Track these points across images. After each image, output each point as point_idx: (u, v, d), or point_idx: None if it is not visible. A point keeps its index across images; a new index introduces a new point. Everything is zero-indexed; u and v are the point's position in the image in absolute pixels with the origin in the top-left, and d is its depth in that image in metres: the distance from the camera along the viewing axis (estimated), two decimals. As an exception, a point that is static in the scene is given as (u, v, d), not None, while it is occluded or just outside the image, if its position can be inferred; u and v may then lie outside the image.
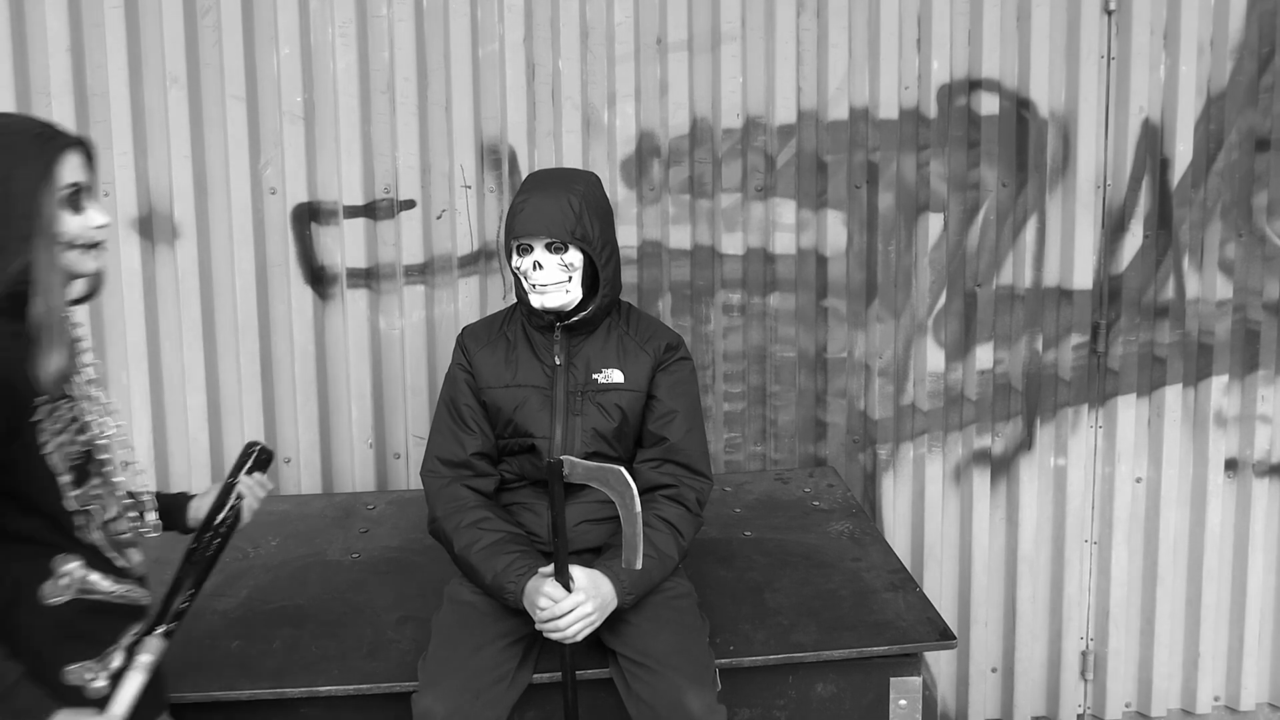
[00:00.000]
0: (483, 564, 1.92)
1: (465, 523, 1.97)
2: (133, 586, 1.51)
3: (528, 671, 1.94)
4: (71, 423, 1.41)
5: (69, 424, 1.41)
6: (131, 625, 1.52)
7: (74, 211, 1.39)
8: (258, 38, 2.64)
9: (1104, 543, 3.00)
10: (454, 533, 1.97)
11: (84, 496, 1.43)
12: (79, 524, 1.43)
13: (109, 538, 1.47)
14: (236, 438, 2.72)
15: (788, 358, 2.88)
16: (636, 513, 1.74)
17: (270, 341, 2.73)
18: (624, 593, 1.87)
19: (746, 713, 2.03)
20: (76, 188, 1.39)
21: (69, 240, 1.38)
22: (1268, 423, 2.98)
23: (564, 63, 2.72)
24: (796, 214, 2.83)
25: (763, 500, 2.68)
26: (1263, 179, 2.89)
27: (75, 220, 1.39)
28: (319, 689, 1.92)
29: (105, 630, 1.48)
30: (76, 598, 1.43)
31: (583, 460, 1.83)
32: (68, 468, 1.40)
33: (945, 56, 2.80)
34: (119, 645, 1.48)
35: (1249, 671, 3.05)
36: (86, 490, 1.44)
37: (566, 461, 1.81)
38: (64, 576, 1.41)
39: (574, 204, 1.94)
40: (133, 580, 1.52)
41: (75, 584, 1.42)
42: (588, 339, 2.06)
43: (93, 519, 1.45)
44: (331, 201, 2.71)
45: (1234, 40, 2.82)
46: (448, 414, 2.09)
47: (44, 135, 1.38)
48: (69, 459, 1.41)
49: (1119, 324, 2.92)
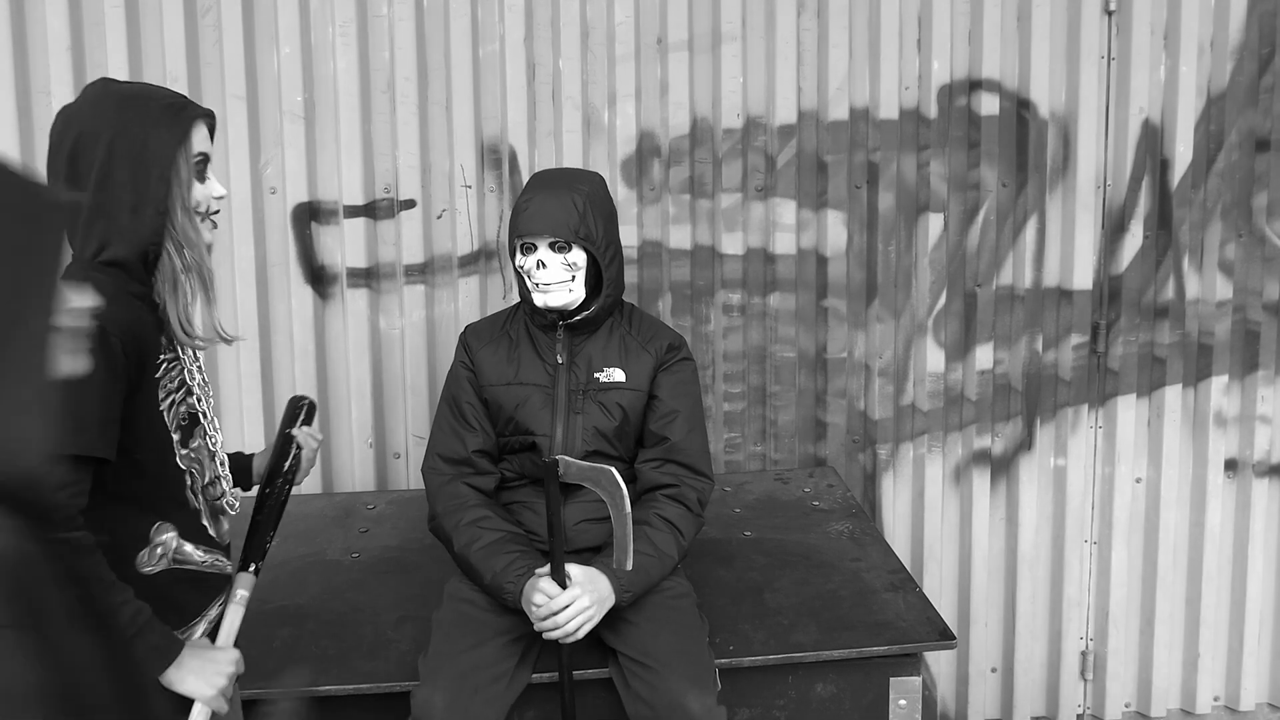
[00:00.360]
0: (482, 563, 1.92)
1: (465, 521, 1.97)
2: (220, 556, 1.57)
3: (527, 670, 1.94)
4: (181, 384, 1.49)
5: (180, 384, 1.49)
6: (218, 597, 1.58)
7: (200, 180, 1.47)
8: (258, 37, 2.64)
9: (1104, 543, 3.00)
10: (454, 531, 1.97)
11: (188, 457, 1.50)
12: (187, 483, 1.50)
13: (208, 502, 1.54)
14: (237, 438, 2.71)
15: (788, 358, 2.88)
16: (626, 513, 1.75)
17: (270, 341, 2.73)
18: (621, 590, 1.87)
19: (746, 713, 2.03)
20: (204, 157, 1.47)
21: (194, 206, 1.46)
22: (1267, 423, 2.98)
23: (564, 62, 2.72)
24: (797, 214, 2.83)
25: (763, 500, 2.68)
26: (1263, 180, 2.90)
27: (200, 189, 1.47)
28: (319, 688, 1.92)
29: (194, 600, 1.54)
30: (171, 568, 1.48)
31: (577, 460, 1.83)
32: (176, 426, 1.48)
33: (946, 57, 2.80)
34: (203, 616, 1.54)
35: (1249, 671, 3.05)
36: (190, 451, 1.50)
37: (561, 461, 1.82)
38: (159, 546, 1.47)
39: (578, 203, 1.94)
40: (220, 550, 1.57)
41: (170, 554, 1.48)
42: (590, 338, 2.06)
43: (195, 480, 1.52)
44: (332, 201, 2.71)
45: (1234, 41, 2.82)
46: (449, 411, 2.09)
47: (177, 104, 1.45)
48: (178, 418, 1.48)
49: (1119, 324, 2.92)
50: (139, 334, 1.40)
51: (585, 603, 1.82)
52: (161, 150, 1.41)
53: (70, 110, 1.44)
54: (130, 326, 1.39)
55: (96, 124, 1.41)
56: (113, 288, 1.38)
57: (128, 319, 1.39)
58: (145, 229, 1.41)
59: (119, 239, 1.41)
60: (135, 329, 1.39)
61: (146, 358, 1.42)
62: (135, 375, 1.40)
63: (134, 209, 1.40)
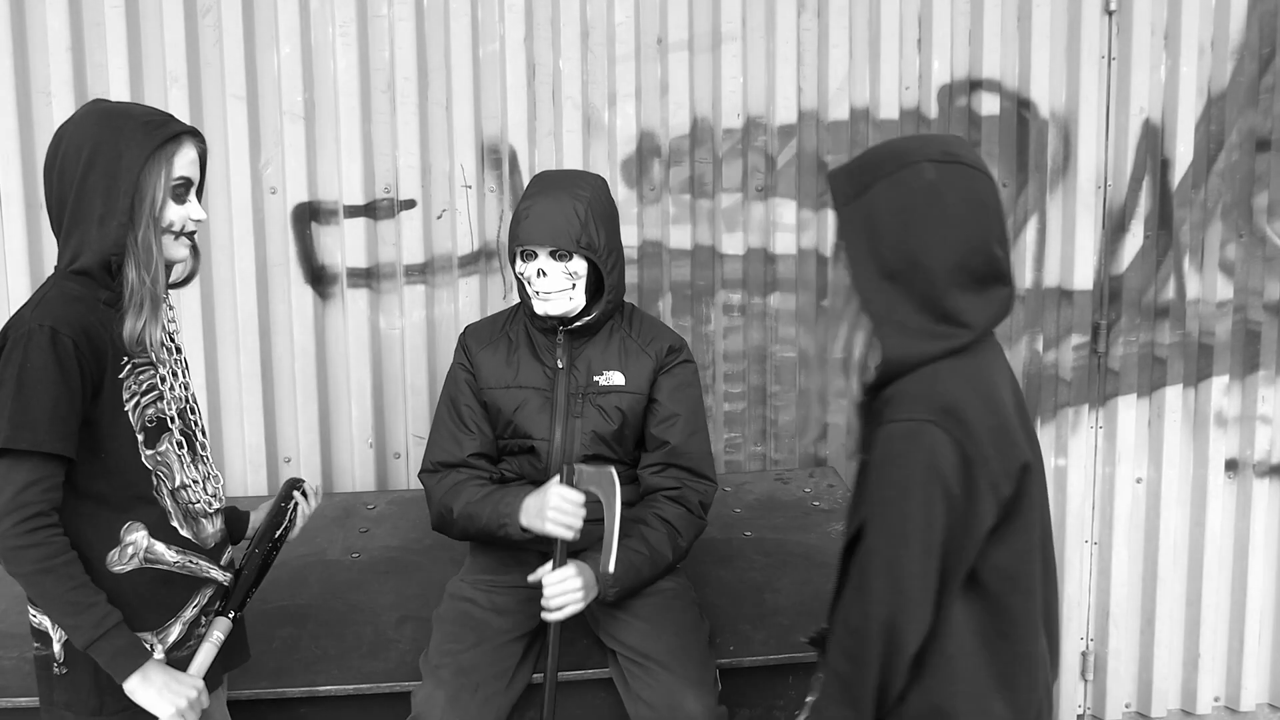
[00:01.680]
0: (480, 508, 1.93)
1: (463, 485, 1.98)
2: (196, 557, 1.59)
3: (528, 670, 1.94)
4: (150, 389, 1.53)
5: (148, 389, 1.53)
6: (194, 597, 1.60)
7: (177, 202, 1.52)
8: (258, 37, 2.64)
9: (1104, 543, 3.00)
10: (454, 500, 1.97)
11: (153, 458, 1.53)
12: (153, 483, 1.53)
13: (178, 505, 1.56)
14: (237, 438, 2.72)
15: (788, 358, 2.88)
16: (615, 515, 1.75)
17: (270, 341, 2.73)
18: (607, 585, 1.86)
19: (746, 713, 2.03)
20: (185, 181, 1.53)
21: (166, 225, 1.51)
22: (1268, 423, 2.98)
23: (565, 62, 2.72)
24: (797, 214, 2.83)
25: (763, 500, 2.68)
26: (1263, 180, 2.89)
27: (177, 210, 1.52)
28: (319, 688, 1.92)
29: (167, 599, 1.56)
30: (142, 567, 1.52)
31: (587, 467, 1.83)
32: (141, 427, 1.52)
33: (946, 57, 2.79)
34: (178, 618, 1.57)
35: (1249, 672, 3.05)
36: (156, 453, 1.54)
37: (576, 470, 1.82)
38: (130, 545, 1.51)
39: (580, 211, 1.91)
40: (198, 552, 1.59)
41: (140, 553, 1.52)
42: (590, 341, 2.05)
43: (163, 482, 1.54)
44: (332, 201, 2.71)
45: (1234, 41, 2.82)
46: (448, 414, 2.08)
47: (155, 121, 1.51)
48: (144, 420, 1.52)
49: (1119, 324, 2.92)
50: (97, 336, 1.45)
51: (577, 584, 1.82)
52: (132, 165, 1.46)
53: (62, 126, 1.52)
54: (88, 329, 1.44)
55: (79, 138, 1.48)
56: (79, 293, 1.46)
57: (84, 322, 1.44)
58: (109, 239, 1.46)
59: (87, 248, 1.47)
60: (93, 331, 1.44)
61: (106, 359, 1.46)
62: (96, 376, 1.45)
63: (101, 219, 1.46)
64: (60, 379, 1.40)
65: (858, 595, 1.26)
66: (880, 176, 1.28)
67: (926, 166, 1.26)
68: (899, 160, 1.28)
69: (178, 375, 1.60)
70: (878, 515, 1.24)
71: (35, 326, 1.40)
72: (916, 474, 1.20)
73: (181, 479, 1.57)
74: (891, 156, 1.29)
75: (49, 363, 1.39)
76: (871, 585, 1.24)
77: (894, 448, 1.22)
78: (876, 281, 1.27)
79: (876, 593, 1.23)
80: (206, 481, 1.63)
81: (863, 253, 1.28)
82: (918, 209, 1.25)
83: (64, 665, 1.50)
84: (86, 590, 1.43)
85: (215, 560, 1.63)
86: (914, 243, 1.25)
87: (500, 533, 1.91)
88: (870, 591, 1.24)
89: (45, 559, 1.40)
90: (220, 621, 1.61)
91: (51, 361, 1.39)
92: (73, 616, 1.43)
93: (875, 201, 1.27)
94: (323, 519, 2.56)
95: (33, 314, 1.43)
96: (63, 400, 1.40)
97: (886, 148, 1.34)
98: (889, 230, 1.26)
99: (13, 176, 2.57)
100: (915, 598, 1.22)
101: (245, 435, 2.72)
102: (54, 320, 1.41)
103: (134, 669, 1.45)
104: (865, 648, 1.24)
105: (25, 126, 2.57)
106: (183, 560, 1.56)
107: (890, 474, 1.23)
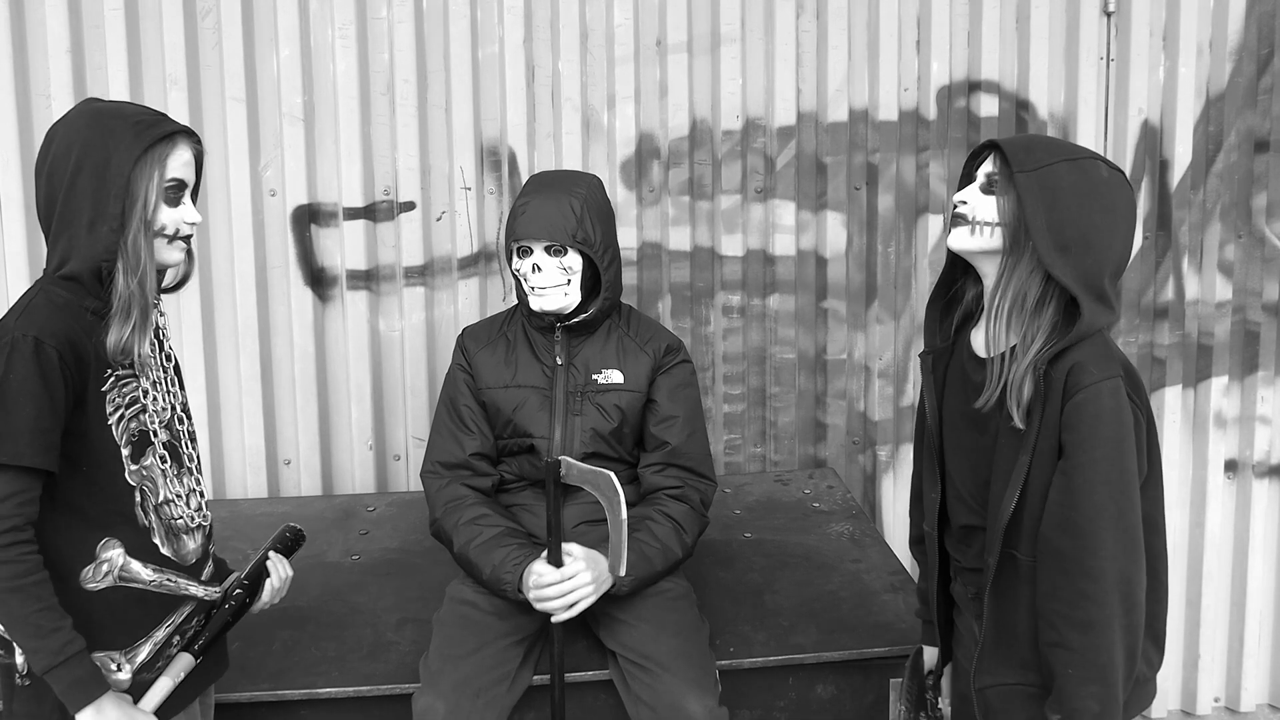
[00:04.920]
0: (480, 559, 1.92)
1: (464, 520, 1.97)
2: (174, 575, 1.53)
3: (528, 672, 1.94)
4: (135, 402, 1.49)
5: (130, 401, 1.48)
6: (168, 616, 1.54)
7: (171, 205, 1.48)
8: (258, 39, 2.64)
9: (1104, 544, 3.00)
10: (453, 530, 1.97)
11: (137, 474, 1.49)
12: (136, 500, 1.49)
13: (161, 521, 1.52)
14: (236, 438, 2.72)
15: (787, 359, 2.88)
16: (622, 519, 1.75)
17: (270, 343, 2.73)
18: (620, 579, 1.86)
19: (747, 714, 2.03)
20: (178, 184, 1.48)
21: (158, 229, 1.47)
22: (1267, 424, 2.98)
23: (564, 64, 2.72)
24: (796, 215, 2.83)
25: (763, 502, 2.68)
26: (1262, 180, 2.90)
27: (170, 213, 1.48)
28: (319, 691, 1.92)
29: (139, 619, 1.51)
30: (115, 585, 1.46)
31: (579, 463, 1.83)
32: (126, 441, 1.47)
33: (945, 58, 2.80)
34: (149, 638, 1.51)
35: (1249, 672, 3.05)
36: (141, 468, 1.49)
37: (563, 462, 1.82)
38: (104, 562, 1.45)
39: (575, 207, 1.94)
40: (177, 570, 1.54)
41: (115, 570, 1.46)
42: (588, 340, 2.06)
43: (147, 498, 1.50)
44: (331, 203, 2.71)
45: (1233, 42, 2.82)
46: (447, 414, 2.09)
47: (146, 121, 1.46)
48: (129, 434, 1.48)
49: (1119, 325, 2.92)
50: (81, 346, 1.41)
51: (586, 578, 1.82)
52: (122, 166, 1.41)
53: (53, 127, 1.47)
54: (71, 338, 1.40)
55: (69, 138, 1.43)
56: (66, 301, 1.42)
57: (69, 331, 1.40)
58: (99, 245, 1.42)
59: (76, 253, 1.43)
60: (77, 341, 1.40)
61: (90, 370, 1.42)
62: (79, 387, 1.41)
63: (90, 224, 1.42)
64: (43, 391, 1.36)
65: (1078, 560, 1.30)
66: (1062, 158, 1.38)
67: (1101, 165, 1.38)
68: (1076, 150, 1.39)
69: (161, 385, 1.55)
70: (1099, 473, 1.30)
71: (19, 336, 1.36)
72: (1126, 430, 1.31)
73: (165, 494, 1.53)
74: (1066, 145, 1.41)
75: (31, 374, 1.35)
76: (1103, 542, 1.28)
77: (1104, 404, 1.32)
78: (1053, 252, 1.36)
79: (1109, 547, 1.28)
80: (191, 496, 1.58)
81: (1041, 221, 1.36)
82: (1098, 196, 1.36)
83: (26, 677, 1.44)
84: (52, 614, 1.37)
85: (195, 576, 1.58)
86: (1088, 224, 1.35)
87: (498, 590, 1.91)
88: (1102, 547, 1.28)
89: (15, 577, 1.35)
90: (184, 658, 1.55)
91: (34, 373, 1.35)
92: (35, 639, 1.37)
93: (1059, 177, 1.36)
94: (323, 521, 2.56)
95: (17, 323, 1.38)
96: (45, 413, 1.36)
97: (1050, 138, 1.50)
98: (1067, 207, 1.35)
99: (12, 179, 2.57)
100: (1141, 548, 1.30)
101: (245, 437, 2.72)
102: (38, 330, 1.37)
103: (89, 701, 1.39)
104: (1102, 608, 1.28)
105: (25, 129, 2.57)
106: (160, 579, 1.50)
107: (1103, 431, 1.31)
